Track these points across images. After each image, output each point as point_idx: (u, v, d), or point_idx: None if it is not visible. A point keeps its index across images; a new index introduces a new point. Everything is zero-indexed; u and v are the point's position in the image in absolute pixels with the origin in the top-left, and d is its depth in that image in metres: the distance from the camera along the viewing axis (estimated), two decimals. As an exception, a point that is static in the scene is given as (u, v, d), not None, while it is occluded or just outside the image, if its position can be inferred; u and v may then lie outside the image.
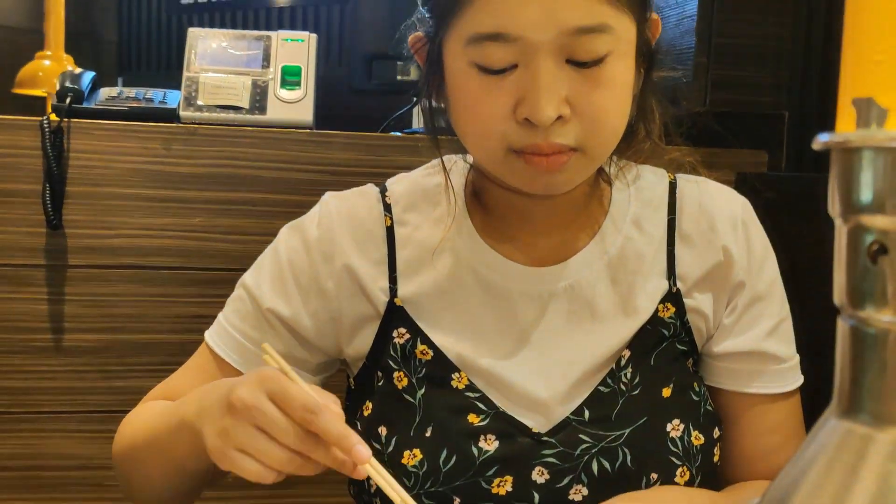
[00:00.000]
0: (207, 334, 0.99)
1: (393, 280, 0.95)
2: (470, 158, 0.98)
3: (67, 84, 1.53)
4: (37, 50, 2.31)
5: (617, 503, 0.83)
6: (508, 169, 0.86)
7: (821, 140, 0.31)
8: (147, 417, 0.95)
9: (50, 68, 2.21)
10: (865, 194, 0.30)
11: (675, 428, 0.91)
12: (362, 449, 0.72)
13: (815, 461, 0.32)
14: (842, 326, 0.32)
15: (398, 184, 1.01)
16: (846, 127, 0.30)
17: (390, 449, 0.91)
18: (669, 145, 0.99)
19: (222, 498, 1.57)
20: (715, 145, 1.51)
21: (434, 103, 0.92)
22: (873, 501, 0.30)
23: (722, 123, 1.37)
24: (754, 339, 0.95)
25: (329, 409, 0.73)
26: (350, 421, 0.94)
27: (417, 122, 1.87)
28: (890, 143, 0.29)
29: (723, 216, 0.97)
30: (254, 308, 0.97)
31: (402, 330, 0.95)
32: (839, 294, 0.32)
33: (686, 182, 1.00)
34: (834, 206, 0.32)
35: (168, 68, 3.03)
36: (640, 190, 0.99)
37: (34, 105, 2.42)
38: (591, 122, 0.82)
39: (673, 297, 0.96)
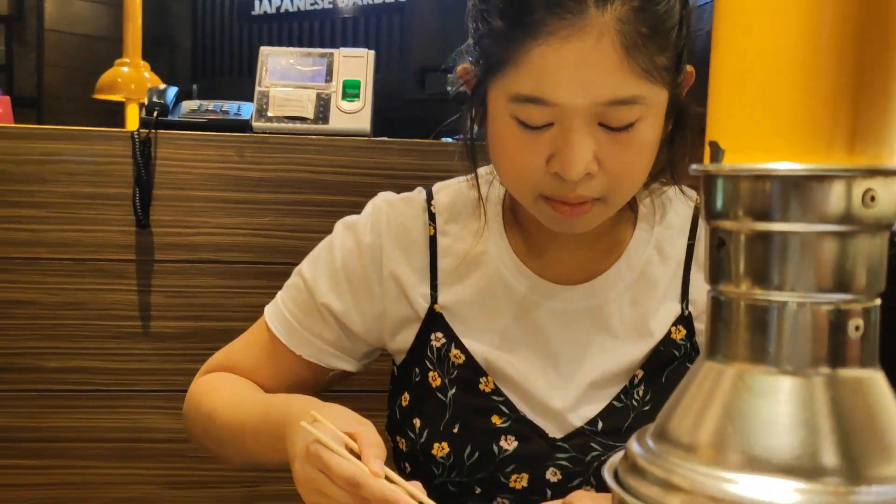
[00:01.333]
0: (266, 311, 1.08)
1: (434, 287, 1.01)
2: None
3: (154, 99, 1.71)
4: (115, 57, 2.41)
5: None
6: (537, 210, 0.91)
7: (692, 169, 0.45)
8: (227, 403, 1.02)
9: (128, 75, 2.32)
10: (717, 205, 0.44)
11: None
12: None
13: (686, 391, 0.46)
14: (707, 297, 0.46)
15: (443, 193, 1.05)
16: (706, 160, 0.45)
17: (422, 440, 0.98)
18: None
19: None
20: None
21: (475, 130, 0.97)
22: (721, 416, 0.44)
23: None
24: None
25: (368, 476, 0.80)
26: (391, 408, 1.05)
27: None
28: (729, 173, 0.43)
29: None
30: (309, 298, 1.04)
31: (440, 334, 1.00)
32: (705, 274, 0.46)
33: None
34: (702, 214, 0.46)
35: (240, 75, 3.19)
36: (666, 214, 1.02)
37: (114, 110, 2.51)
38: (616, 177, 0.87)
39: (685, 320, 1.00)
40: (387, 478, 0.81)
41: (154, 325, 1.74)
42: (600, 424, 0.97)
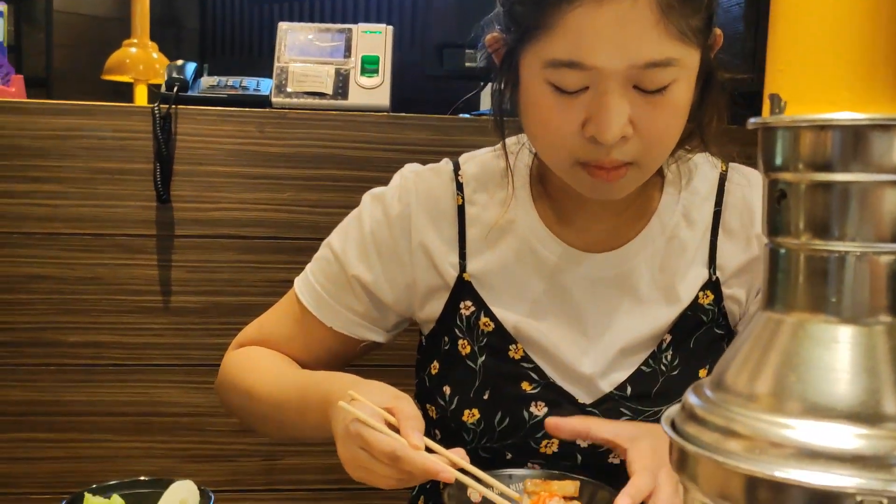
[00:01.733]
0: (296, 284, 1.08)
1: (462, 256, 1.02)
2: None
3: (174, 75, 1.71)
4: (123, 38, 2.40)
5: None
6: (572, 177, 0.92)
7: (751, 122, 0.46)
8: (265, 379, 1.03)
9: (137, 55, 2.31)
10: (777, 158, 0.45)
11: None
12: (447, 476, 0.81)
13: (745, 342, 0.47)
14: (765, 249, 0.46)
15: (470, 163, 1.06)
16: (766, 113, 0.45)
17: (453, 407, 1.00)
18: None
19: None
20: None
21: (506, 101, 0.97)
22: (780, 364, 0.45)
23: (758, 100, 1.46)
24: None
25: (408, 450, 0.81)
26: (420, 376, 1.07)
27: (484, 104, 2.00)
28: (789, 125, 0.44)
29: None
30: (339, 270, 1.04)
31: (469, 303, 1.01)
32: (763, 226, 0.46)
33: (735, 174, 1.04)
34: (760, 167, 0.46)
35: (250, 54, 3.18)
36: (692, 181, 1.03)
37: (122, 90, 2.52)
38: (649, 141, 0.87)
39: (713, 285, 1.01)
40: (427, 449, 0.83)
41: (173, 301, 1.75)
42: (629, 389, 0.98)
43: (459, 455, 0.84)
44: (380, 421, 0.83)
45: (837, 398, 0.42)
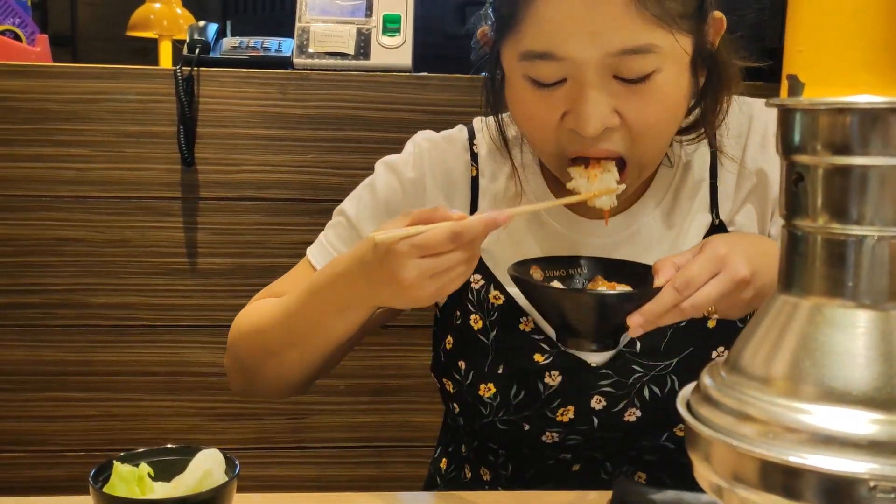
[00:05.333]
0: (309, 251, 1.06)
1: None
2: None
3: (196, 36, 1.71)
4: None
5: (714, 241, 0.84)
6: (562, 174, 0.92)
7: (770, 102, 0.45)
8: (274, 307, 0.98)
9: (160, 11, 2.28)
10: (794, 140, 0.44)
11: (719, 354, 0.94)
12: (502, 217, 0.81)
13: (761, 325, 0.46)
14: (782, 231, 0.46)
15: (484, 132, 1.04)
16: (784, 94, 0.44)
17: (468, 381, 0.99)
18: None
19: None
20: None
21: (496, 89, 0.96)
22: (796, 348, 0.44)
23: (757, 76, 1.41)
24: None
25: (460, 223, 0.79)
26: (436, 351, 1.06)
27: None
28: (808, 107, 0.43)
29: (753, 137, 0.99)
30: (353, 235, 1.03)
31: (478, 276, 1.00)
32: (780, 209, 0.46)
33: (730, 109, 0.98)
34: (778, 149, 0.46)
35: (272, 11, 3.16)
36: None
37: (146, 48, 2.54)
38: (638, 132, 0.85)
39: (717, 229, 1.00)
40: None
41: (199, 262, 1.77)
42: (638, 345, 0.98)
43: (505, 211, 0.83)
44: (414, 228, 0.82)
45: (853, 383, 0.42)
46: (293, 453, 1.84)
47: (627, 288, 0.88)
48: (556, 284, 0.89)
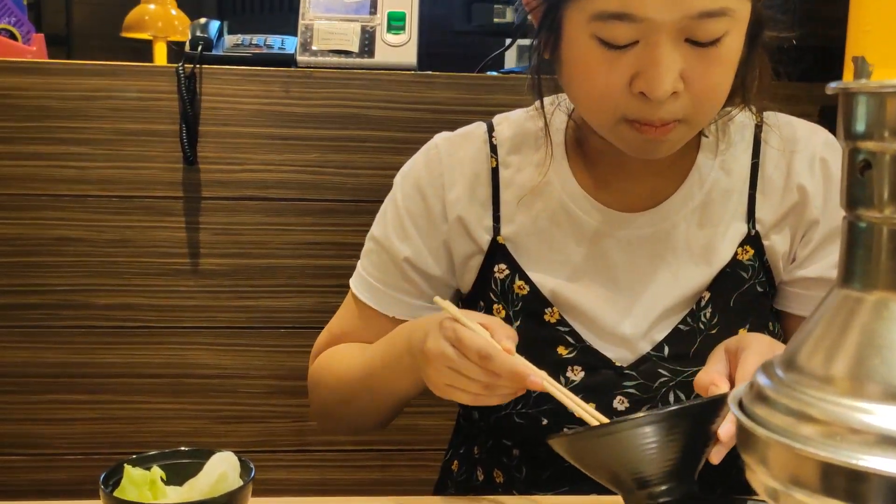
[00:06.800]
0: (352, 283, 1.07)
1: (496, 219, 1.00)
2: (572, 106, 1.00)
3: (198, 33, 1.69)
4: None
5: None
6: (617, 135, 0.89)
7: (831, 87, 0.43)
8: (350, 362, 1.03)
9: (155, 12, 2.25)
10: (860, 125, 0.42)
11: None
12: (535, 380, 0.79)
13: (820, 321, 0.44)
14: (844, 222, 0.44)
15: (504, 124, 1.04)
16: (849, 77, 0.42)
17: None
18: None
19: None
20: (799, 79, 1.58)
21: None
22: (859, 345, 0.42)
23: (805, 58, 1.42)
24: (823, 268, 0.98)
25: (500, 351, 0.79)
26: None
27: (515, 62, 1.97)
28: (875, 90, 0.41)
29: (801, 155, 0.98)
30: (386, 257, 1.04)
31: (503, 266, 1.00)
32: (842, 199, 0.44)
33: (771, 123, 1.01)
34: (840, 135, 0.43)
35: (270, 12, 3.13)
36: (729, 134, 1.01)
37: (141, 49, 2.53)
38: (699, 97, 0.85)
39: (752, 239, 0.98)
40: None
41: (202, 263, 1.74)
42: (667, 350, 0.96)
43: (542, 377, 0.82)
44: (474, 323, 0.83)
45: (922, 382, 0.40)
46: (297, 456, 1.82)
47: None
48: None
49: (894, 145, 0.41)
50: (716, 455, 0.75)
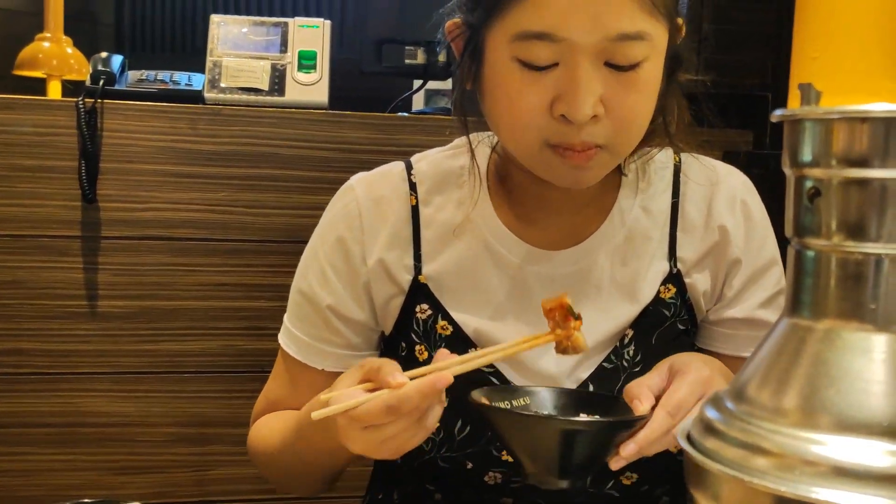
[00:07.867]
0: (280, 339, 1.05)
1: (417, 258, 0.99)
2: (495, 140, 1.01)
3: (100, 67, 1.63)
4: (36, 32, 2.27)
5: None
6: (540, 162, 0.88)
7: (776, 114, 0.43)
8: (276, 431, 1.02)
9: (50, 50, 2.19)
10: (807, 153, 0.42)
11: None
12: (444, 382, 0.77)
13: (769, 351, 0.44)
14: (790, 251, 0.43)
15: (423, 163, 1.03)
16: (794, 104, 0.42)
17: None
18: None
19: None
20: (705, 126, 1.62)
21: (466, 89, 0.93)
22: (810, 375, 0.42)
23: (710, 105, 1.46)
24: (749, 308, 0.99)
25: (399, 393, 0.77)
26: None
27: (423, 103, 1.97)
28: (822, 116, 0.41)
29: (721, 196, 1.00)
30: (310, 308, 1.02)
31: (425, 306, 0.98)
32: (788, 227, 0.43)
33: (690, 163, 1.02)
34: (786, 163, 0.43)
35: (172, 50, 3.07)
36: (648, 174, 1.01)
37: (34, 86, 2.44)
38: (620, 122, 0.85)
39: (674, 277, 0.99)
40: (411, 379, 0.79)
41: (100, 305, 1.67)
42: (591, 387, 0.96)
43: (442, 357, 0.82)
44: (358, 396, 0.79)
45: (873, 413, 0.39)
46: (199, 507, 1.74)
47: (591, 417, 0.84)
48: None
49: (842, 172, 0.41)
50: (615, 463, 0.78)
